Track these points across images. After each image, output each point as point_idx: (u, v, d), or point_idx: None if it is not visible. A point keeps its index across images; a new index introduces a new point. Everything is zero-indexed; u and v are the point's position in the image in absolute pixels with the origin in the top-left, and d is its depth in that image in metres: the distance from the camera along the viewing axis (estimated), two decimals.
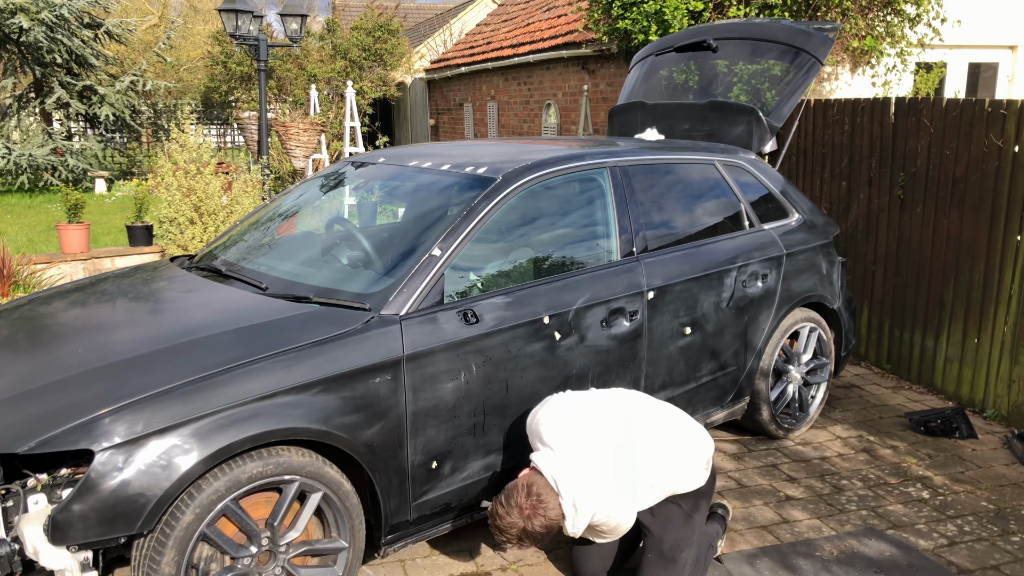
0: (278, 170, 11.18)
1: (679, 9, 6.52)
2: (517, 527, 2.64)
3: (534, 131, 12.72)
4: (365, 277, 3.13)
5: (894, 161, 5.18)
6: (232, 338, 2.69)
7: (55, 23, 14.75)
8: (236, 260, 3.50)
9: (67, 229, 7.38)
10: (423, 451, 2.89)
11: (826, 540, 3.36)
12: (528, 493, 2.65)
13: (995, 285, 4.56)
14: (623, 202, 3.60)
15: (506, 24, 15.59)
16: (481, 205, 3.15)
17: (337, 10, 22.61)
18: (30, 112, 15.94)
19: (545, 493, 2.65)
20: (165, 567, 2.39)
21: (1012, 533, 3.44)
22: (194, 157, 7.51)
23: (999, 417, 4.61)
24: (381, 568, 3.17)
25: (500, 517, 2.67)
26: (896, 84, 7.27)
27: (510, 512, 2.64)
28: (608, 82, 10.27)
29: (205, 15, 28.89)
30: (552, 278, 3.27)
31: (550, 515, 2.64)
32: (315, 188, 4.08)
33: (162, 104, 17.98)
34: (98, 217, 11.53)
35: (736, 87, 4.81)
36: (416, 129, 19.47)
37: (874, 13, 6.93)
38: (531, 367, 3.14)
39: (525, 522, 2.63)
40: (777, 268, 4.08)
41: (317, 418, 2.60)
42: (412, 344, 2.81)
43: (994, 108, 4.46)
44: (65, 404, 2.41)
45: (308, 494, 2.66)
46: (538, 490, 2.65)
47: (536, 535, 2.65)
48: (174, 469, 2.35)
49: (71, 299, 3.34)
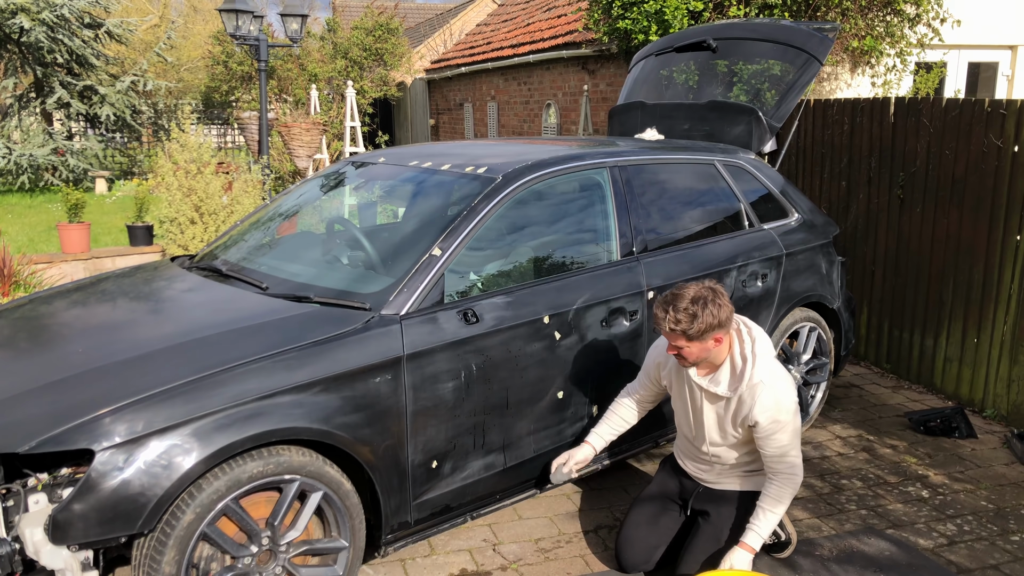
0: (278, 170, 11.18)
1: (679, 9, 6.52)
2: (688, 296, 2.75)
3: (534, 131, 12.72)
4: (365, 277, 3.14)
5: (894, 161, 5.19)
6: (232, 338, 2.70)
7: (56, 23, 14.76)
8: (237, 260, 3.50)
9: (68, 229, 7.39)
10: (423, 450, 2.89)
11: (826, 539, 3.36)
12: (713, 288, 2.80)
13: (995, 285, 4.56)
14: (623, 202, 3.60)
15: (506, 24, 15.59)
16: (481, 205, 3.15)
17: (337, 10, 22.62)
18: (31, 112, 15.95)
19: (726, 301, 2.79)
20: (165, 566, 2.40)
21: (1012, 532, 3.45)
22: (195, 157, 7.51)
23: (999, 417, 4.61)
24: (381, 567, 3.17)
25: (676, 295, 2.78)
26: (896, 84, 7.28)
27: (688, 288, 2.78)
28: (608, 82, 10.27)
29: (205, 15, 28.90)
30: (552, 278, 3.28)
31: (722, 313, 2.75)
32: (315, 188, 4.09)
33: (163, 104, 18.00)
34: (99, 217, 11.54)
35: (736, 87, 4.81)
36: (416, 129, 19.48)
37: (874, 13, 6.93)
38: (531, 367, 3.14)
39: (696, 302, 2.73)
40: (777, 268, 4.09)
41: (317, 418, 2.60)
42: (412, 344, 2.82)
43: (994, 108, 4.46)
44: (66, 404, 2.42)
45: (308, 494, 2.67)
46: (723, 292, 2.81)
47: (697, 318, 2.72)
48: (175, 468, 2.35)
49: (72, 299, 3.34)
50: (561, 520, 3.53)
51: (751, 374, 2.82)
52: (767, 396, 2.80)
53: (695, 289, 2.77)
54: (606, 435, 3.25)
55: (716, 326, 2.75)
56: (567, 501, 3.69)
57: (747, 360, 2.84)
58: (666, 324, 2.76)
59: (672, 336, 2.79)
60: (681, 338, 2.77)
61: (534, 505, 3.65)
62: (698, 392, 2.96)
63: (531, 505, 3.65)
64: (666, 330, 2.78)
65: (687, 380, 3.00)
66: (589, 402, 3.39)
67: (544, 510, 3.61)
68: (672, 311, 2.74)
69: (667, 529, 3.10)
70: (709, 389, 2.89)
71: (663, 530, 3.09)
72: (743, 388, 2.82)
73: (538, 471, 3.31)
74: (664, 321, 2.77)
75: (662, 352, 3.14)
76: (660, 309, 2.78)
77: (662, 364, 3.13)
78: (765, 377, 2.82)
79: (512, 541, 3.36)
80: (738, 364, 2.86)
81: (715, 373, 2.89)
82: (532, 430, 3.21)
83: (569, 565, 3.19)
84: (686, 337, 2.76)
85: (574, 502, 3.69)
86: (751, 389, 2.82)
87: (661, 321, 2.78)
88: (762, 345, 2.88)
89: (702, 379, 2.91)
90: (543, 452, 3.27)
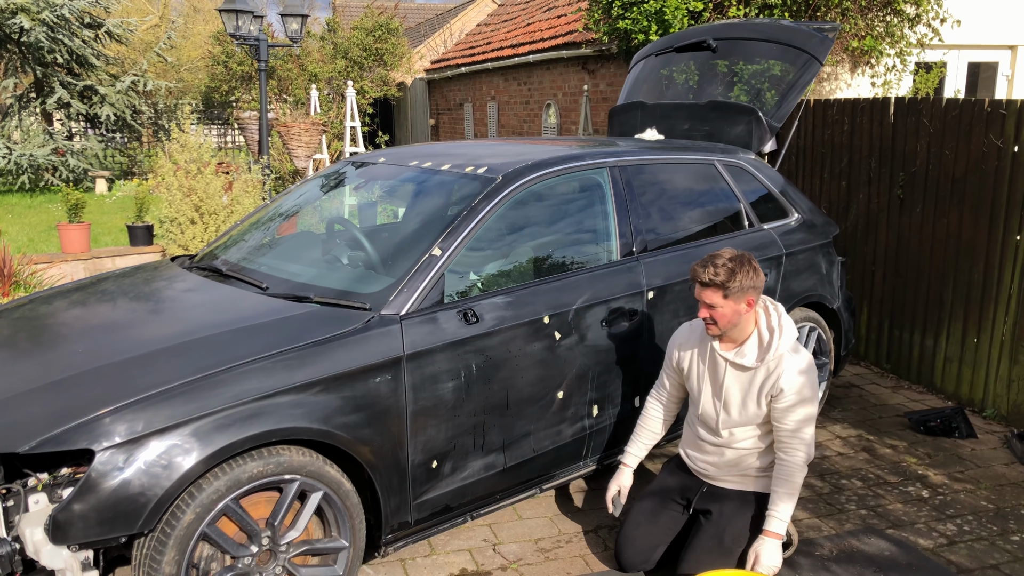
0: (279, 170, 11.18)
1: (679, 9, 6.52)
2: (726, 255, 2.84)
3: (534, 131, 12.72)
4: (366, 277, 3.14)
5: (894, 161, 5.19)
6: (233, 338, 2.70)
7: (56, 23, 14.77)
8: (237, 260, 3.50)
9: (68, 229, 7.39)
10: (423, 450, 2.89)
11: (826, 539, 3.36)
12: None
13: (995, 285, 4.57)
14: (623, 202, 3.60)
15: (506, 24, 15.59)
16: (481, 205, 3.15)
17: (337, 10, 22.62)
18: (31, 112, 15.96)
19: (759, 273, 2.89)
20: (165, 566, 2.40)
21: (1012, 532, 3.45)
22: (195, 157, 7.51)
23: (998, 417, 4.61)
24: (381, 567, 3.18)
25: (715, 254, 2.88)
26: (896, 84, 7.28)
27: (725, 250, 2.89)
28: (608, 82, 10.27)
29: (205, 15, 28.90)
30: (552, 278, 3.28)
31: (758, 277, 2.85)
32: (315, 188, 4.09)
33: (163, 104, 18.00)
34: (99, 217, 11.54)
35: (736, 87, 4.81)
36: (416, 129, 19.48)
37: (874, 13, 6.93)
38: (531, 367, 3.14)
39: (734, 260, 2.82)
40: (777, 268, 4.09)
41: (318, 418, 2.60)
42: (412, 344, 2.82)
43: (994, 108, 4.46)
44: (66, 404, 2.42)
45: (308, 493, 2.67)
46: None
47: (736, 273, 2.82)
48: (175, 468, 2.35)
49: (72, 299, 3.34)
50: (561, 520, 3.53)
51: (778, 344, 2.89)
52: (794, 365, 2.88)
53: (732, 251, 2.88)
54: (640, 452, 3.34)
55: (750, 287, 2.84)
56: (567, 501, 3.69)
57: (774, 332, 2.92)
58: (705, 275, 2.84)
59: (708, 292, 2.86)
60: (717, 293, 2.84)
61: (534, 505, 3.65)
62: (722, 365, 3.00)
63: (531, 505, 3.65)
64: (704, 281, 2.85)
65: (711, 355, 3.04)
66: (589, 402, 3.39)
67: (544, 510, 3.61)
68: (711, 265, 2.84)
69: (668, 528, 3.10)
70: (736, 361, 2.94)
71: (664, 529, 3.09)
72: (770, 358, 2.89)
73: (538, 471, 3.31)
74: (703, 273, 2.84)
75: (682, 335, 3.20)
76: (699, 265, 2.88)
77: (682, 346, 3.18)
78: (792, 348, 2.91)
79: (512, 541, 3.36)
80: (765, 336, 2.93)
81: (741, 347, 2.96)
82: (532, 430, 3.21)
83: (569, 565, 3.19)
84: (723, 291, 2.83)
85: (574, 502, 3.69)
86: (778, 359, 2.90)
87: (700, 274, 2.85)
88: (787, 321, 2.97)
89: (728, 352, 2.97)
90: (543, 452, 3.27)
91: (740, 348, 2.95)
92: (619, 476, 3.27)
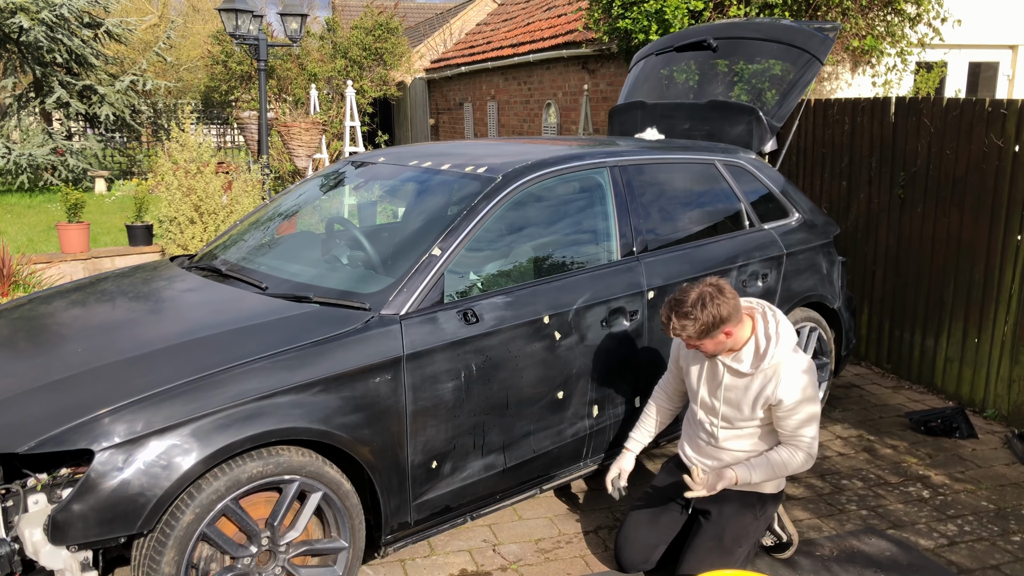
0: (278, 170, 11.18)
1: (679, 9, 6.51)
2: (688, 300, 2.78)
3: (534, 131, 12.72)
4: (365, 277, 3.13)
5: (894, 161, 5.18)
6: (232, 338, 2.69)
7: (55, 23, 14.76)
8: (236, 260, 3.50)
9: (67, 229, 7.39)
10: (423, 451, 2.89)
11: (826, 539, 3.36)
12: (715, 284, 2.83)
13: (995, 285, 4.56)
14: (623, 202, 3.60)
15: (506, 24, 15.59)
16: (481, 205, 3.15)
17: (337, 9, 22.61)
18: (30, 112, 15.95)
19: (732, 292, 2.82)
20: (165, 567, 2.39)
21: (1012, 533, 3.44)
22: (194, 157, 7.51)
23: (999, 417, 4.61)
24: (381, 568, 3.17)
25: (679, 300, 2.82)
26: (896, 84, 7.27)
27: (690, 291, 2.82)
28: (608, 82, 10.27)
29: (205, 15, 28.89)
30: (552, 278, 3.27)
31: (723, 309, 2.76)
32: (315, 188, 4.08)
33: (162, 104, 17.99)
34: (98, 217, 11.53)
35: (736, 87, 4.81)
36: (416, 129, 19.47)
37: (874, 13, 6.93)
38: (531, 367, 3.14)
39: (696, 305, 2.75)
40: (777, 268, 4.08)
41: (317, 418, 2.60)
42: (412, 344, 2.81)
43: (994, 108, 4.45)
44: (65, 404, 2.41)
45: (308, 494, 2.66)
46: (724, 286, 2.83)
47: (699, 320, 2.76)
48: (174, 469, 2.35)
49: (71, 299, 3.34)
50: (561, 520, 3.52)
51: (773, 353, 2.87)
52: (791, 372, 2.86)
53: (697, 291, 2.80)
54: (643, 439, 3.32)
55: (721, 322, 2.79)
56: (567, 501, 3.69)
57: (770, 339, 2.89)
58: (671, 332, 2.84)
59: (685, 341, 2.87)
60: (694, 340, 2.84)
61: (534, 505, 3.65)
62: (720, 367, 3.00)
63: (531, 505, 3.65)
64: (678, 335, 2.84)
65: (710, 357, 3.04)
66: (589, 402, 3.38)
67: (544, 510, 3.61)
68: (676, 318, 2.80)
69: (667, 528, 3.10)
70: (732, 365, 2.94)
71: (663, 529, 3.09)
72: (766, 366, 2.87)
73: (538, 471, 3.30)
74: (670, 329, 2.84)
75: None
76: (665, 316, 2.85)
77: (682, 344, 3.18)
78: (787, 356, 2.88)
79: (512, 541, 3.36)
80: (761, 343, 2.91)
81: (738, 352, 2.94)
82: (532, 430, 3.21)
83: (569, 565, 3.18)
84: (698, 339, 2.83)
85: (574, 502, 3.68)
86: (775, 368, 2.87)
87: (667, 329, 2.85)
88: (785, 328, 2.94)
89: (725, 357, 2.96)
90: (543, 452, 3.27)
91: (737, 353, 2.94)
92: (620, 459, 3.27)
